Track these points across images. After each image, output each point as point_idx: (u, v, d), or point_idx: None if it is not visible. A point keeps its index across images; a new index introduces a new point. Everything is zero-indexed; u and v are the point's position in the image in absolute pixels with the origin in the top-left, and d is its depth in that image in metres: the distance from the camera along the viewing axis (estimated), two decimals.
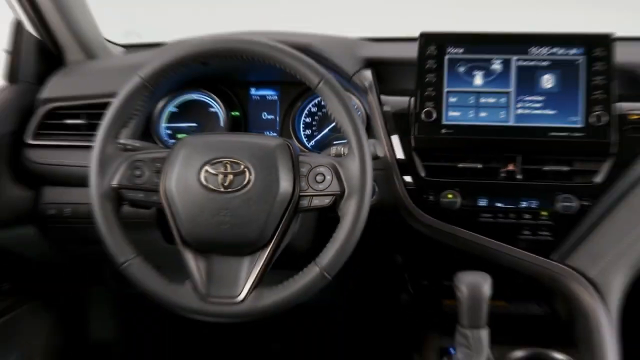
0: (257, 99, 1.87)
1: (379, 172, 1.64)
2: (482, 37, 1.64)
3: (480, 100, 1.61)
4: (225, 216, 1.35)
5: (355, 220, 1.33)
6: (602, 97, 1.56)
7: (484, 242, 1.58)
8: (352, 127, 1.36)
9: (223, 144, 1.38)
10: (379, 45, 1.82)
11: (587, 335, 1.53)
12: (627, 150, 1.57)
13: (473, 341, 1.43)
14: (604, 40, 1.59)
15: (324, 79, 1.37)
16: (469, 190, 1.59)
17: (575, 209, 1.55)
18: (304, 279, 1.34)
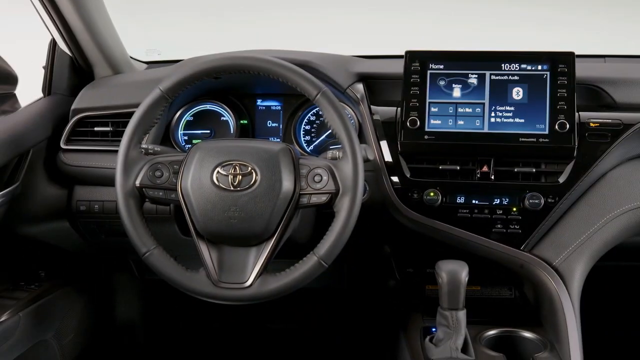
0: (262, 109, 1.88)
1: (370, 173, 1.66)
2: (460, 54, 1.65)
3: (459, 110, 1.62)
4: (234, 212, 1.37)
5: (348, 215, 1.35)
6: (565, 107, 1.58)
7: (462, 235, 1.60)
8: (346, 133, 1.38)
9: (233, 149, 1.41)
10: (370, 62, 1.84)
11: (552, 316, 1.55)
12: (587, 154, 1.59)
13: (452, 321, 1.45)
14: (566, 57, 1.61)
15: (321, 91, 1.39)
16: (449, 189, 1.61)
17: (541, 205, 1.56)
18: (303, 267, 1.36)
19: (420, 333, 1.60)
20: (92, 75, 2.00)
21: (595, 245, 1.58)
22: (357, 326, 2.45)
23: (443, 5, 2.43)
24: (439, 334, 1.47)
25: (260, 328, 2.51)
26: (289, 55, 1.64)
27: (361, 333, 2.42)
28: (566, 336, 1.49)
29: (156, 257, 1.41)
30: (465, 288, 1.45)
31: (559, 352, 1.51)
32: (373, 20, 2.45)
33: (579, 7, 2.52)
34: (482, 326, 1.61)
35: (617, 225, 1.58)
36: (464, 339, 1.46)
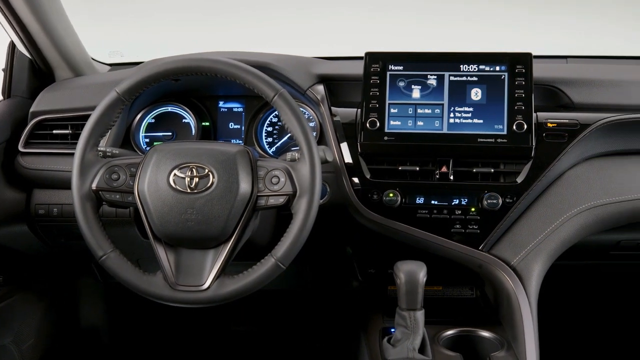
0: (225, 111, 1.89)
1: (330, 174, 1.67)
2: (419, 56, 1.67)
3: (418, 111, 1.64)
4: (191, 214, 1.37)
5: (306, 217, 1.36)
6: (523, 107, 1.60)
7: (421, 235, 1.61)
8: (303, 135, 1.39)
9: (190, 151, 1.41)
10: (330, 63, 1.85)
11: (509, 315, 1.57)
12: (544, 154, 1.62)
13: (410, 322, 1.46)
14: (524, 58, 1.63)
15: (278, 93, 1.40)
16: (408, 189, 1.62)
17: (499, 205, 1.58)
18: (261, 269, 1.37)
19: (380, 334, 1.62)
20: (53, 77, 1.99)
21: (552, 245, 1.60)
22: (319, 328, 2.46)
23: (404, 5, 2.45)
24: (396, 334, 1.48)
25: (225, 330, 2.52)
26: (249, 57, 1.65)
27: (323, 334, 2.43)
28: (522, 335, 1.51)
29: (113, 260, 1.41)
30: (423, 288, 1.46)
31: (516, 350, 1.53)
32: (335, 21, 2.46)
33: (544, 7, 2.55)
34: (441, 326, 1.62)
35: (574, 225, 1.61)
36: (421, 339, 1.47)
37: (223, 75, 1.43)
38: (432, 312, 1.56)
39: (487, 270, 1.59)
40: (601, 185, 1.63)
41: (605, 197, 1.62)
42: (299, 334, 2.47)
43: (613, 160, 1.66)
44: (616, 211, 1.62)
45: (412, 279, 1.45)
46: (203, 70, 1.44)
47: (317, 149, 1.42)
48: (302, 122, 1.40)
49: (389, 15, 2.43)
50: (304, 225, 1.36)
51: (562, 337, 2.41)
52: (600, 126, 1.62)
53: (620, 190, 1.63)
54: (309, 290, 2.32)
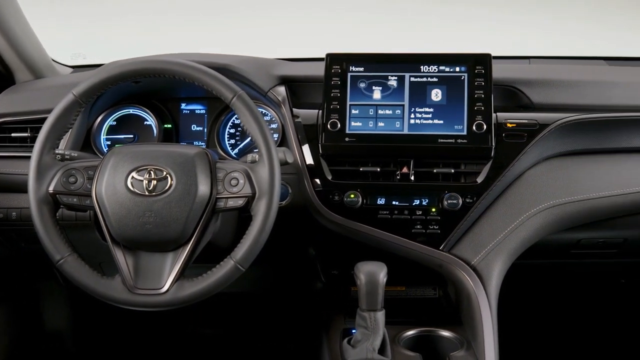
0: (187, 113, 1.89)
1: (292, 176, 1.68)
2: (380, 57, 1.68)
3: (379, 112, 1.65)
4: (149, 217, 1.37)
5: (265, 219, 1.37)
6: (483, 108, 1.62)
7: (382, 236, 1.63)
8: (262, 137, 1.40)
9: (148, 153, 1.41)
10: (292, 65, 1.86)
11: (470, 314, 1.59)
12: (504, 154, 1.64)
13: (370, 322, 1.47)
14: (483, 59, 1.65)
15: (237, 95, 1.41)
16: (369, 190, 1.64)
17: (459, 205, 1.60)
18: (220, 271, 1.37)
19: (341, 335, 1.62)
20: (13, 79, 1.98)
21: (512, 244, 1.62)
22: (283, 329, 2.47)
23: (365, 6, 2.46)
24: (357, 335, 1.49)
25: (191, 333, 2.51)
26: (209, 59, 1.65)
27: (287, 336, 2.44)
28: (481, 334, 1.52)
29: (70, 264, 1.40)
30: (383, 289, 1.47)
31: (475, 350, 1.55)
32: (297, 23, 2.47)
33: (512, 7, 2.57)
34: (402, 326, 1.64)
35: (533, 224, 1.63)
36: (381, 340, 1.48)
37: (181, 77, 1.43)
38: (394, 313, 1.58)
39: (448, 270, 1.61)
40: (560, 185, 1.65)
41: (564, 196, 1.64)
42: (264, 336, 2.48)
43: (572, 160, 1.69)
44: (575, 210, 1.64)
45: (372, 279, 1.46)
46: (161, 72, 1.44)
47: (277, 150, 1.42)
48: (260, 124, 1.40)
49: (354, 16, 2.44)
50: (263, 227, 1.37)
51: (523, 336, 2.44)
52: (559, 126, 1.64)
53: (579, 190, 1.65)
54: (273, 292, 2.33)
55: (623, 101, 1.74)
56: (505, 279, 1.66)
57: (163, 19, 2.56)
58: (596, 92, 1.74)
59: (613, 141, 1.71)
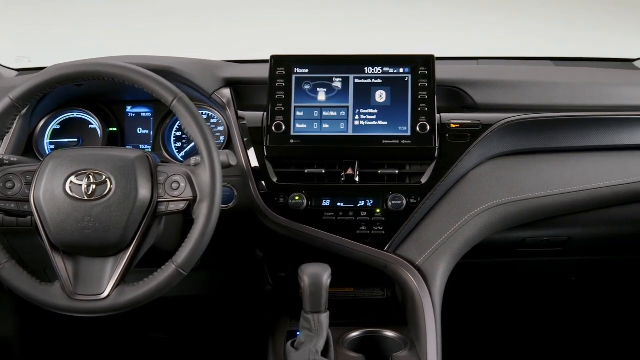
0: (132, 116, 1.88)
1: (237, 178, 1.69)
2: (324, 58, 1.70)
3: (324, 114, 1.66)
4: (89, 222, 1.37)
5: (207, 222, 1.37)
6: (426, 109, 1.64)
7: (327, 237, 1.64)
8: (203, 140, 1.40)
9: (87, 158, 1.41)
10: (238, 67, 1.86)
11: (414, 314, 1.61)
12: (448, 155, 1.66)
13: (314, 324, 1.48)
14: (427, 60, 1.67)
15: (177, 97, 1.41)
16: (314, 192, 1.65)
17: (404, 206, 1.62)
18: (162, 275, 1.37)
19: (285, 337, 1.63)
20: None
21: (457, 244, 1.64)
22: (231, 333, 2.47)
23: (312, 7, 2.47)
24: (300, 337, 1.50)
25: (143, 338, 2.50)
26: (151, 61, 1.65)
27: (235, 340, 2.44)
28: (424, 334, 1.54)
29: (7, 271, 1.39)
30: (327, 291, 1.48)
31: (418, 350, 1.56)
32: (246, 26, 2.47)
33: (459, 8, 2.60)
34: (347, 328, 1.65)
35: (477, 224, 1.65)
36: (325, 342, 1.49)
37: (120, 80, 1.43)
38: (341, 314, 1.59)
39: (393, 270, 1.62)
40: (503, 185, 1.68)
41: (507, 195, 1.67)
42: (213, 340, 2.47)
43: (515, 160, 1.72)
44: (518, 209, 1.67)
45: (316, 281, 1.47)
46: (100, 75, 1.44)
47: (219, 153, 1.42)
48: (201, 127, 1.41)
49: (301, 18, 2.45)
50: (204, 231, 1.37)
51: (469, 336, 2.47)
52: (502, 126, 1.67)
53: (522, 189, 1.68)
54: (223, 296, 2.33)
55: (565, 101, 1.77)
56: (452, 278, 1.67)
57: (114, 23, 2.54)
58: (539, 93, 1.78)
59: (555, 141, 1.74)
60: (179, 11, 2.54)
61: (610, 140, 1.77)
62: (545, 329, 2.57)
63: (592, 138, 1.76)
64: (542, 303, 2.57)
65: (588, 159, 1.75)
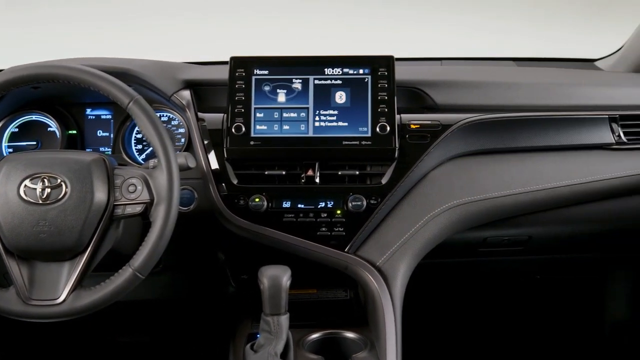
0: (92, 118, 1.87)
1: (198, 181, 1.68)
2: (284, 60, 1.70)
3: (284, 115, 1.66)
4: (44, 226, 1.36)
5: (164, 225, 1.37)
6: (386, 110, 1.64)
7: (287, 239, 1.64)
8: (160, 142, 1.40)
9: (42, 161, 1.40)
10: (198, 68, 1.85)
11: (374, 315, 1.61)
12: (408, 155, 1.67)
13: (274, 326, 1.48)
14: (386, 61, 1.68)
15: (133, 99, 1.40)
16: (275, 194, 1.65)
17: (364, 207, 1.62)
18: (119, 279, 1.36)
19: (246, 340, 1.63)
20: None
21: (417, 244, 1.65)
22: (194, 336, 2.46)
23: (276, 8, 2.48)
24: (260, 339, 1.50)
25: (111, 342, 2.49)
26: (108, 63, 1.64)
27: (197, 343, 2.43)
28: (384, 334, 1.54)
29: None
30: (287, 293, 1.48)
31: (378, 350, 1.57)
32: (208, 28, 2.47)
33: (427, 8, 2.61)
34: (308, 330, 1.65)
35: (438, 224, 1.66)
36: (284, 344, 1.49)
37: (76, 82, 1.42)
38: (303, 316, 1.59)
39: (353, 271, 1.63)
40: (464, 184, 1.69)
41: (467, 195, 1.68)
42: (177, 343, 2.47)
43: (475, 160, 1.73)
44: (478, 209, 1.68)
45: (276, 283, 1.47)
46: (54, 77, 1.43)
47: (177, 155, 1.42)
48: (158, 129, 1.40)
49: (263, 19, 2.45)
50: (162, 234, 1.37)
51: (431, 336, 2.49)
52: (462, 126, 1.69)
53: (481, 189, 1.69)
54: (187, 299, 2.32)
55: (525, 101, 1.79)
56: (414, 279, 1.68)
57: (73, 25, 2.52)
58: (500, 93, 1.79)
59: (515, 141, 1.76)
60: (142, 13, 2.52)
61: (570, 139, 1.78)
62: (507, 329, 2.59)
63: (551, 138, 1.78)
64: (504, 302, 2.59)
65: (547, 158, 1.76)
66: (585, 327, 2.50)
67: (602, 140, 1.80)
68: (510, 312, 2.59)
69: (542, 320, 2.58)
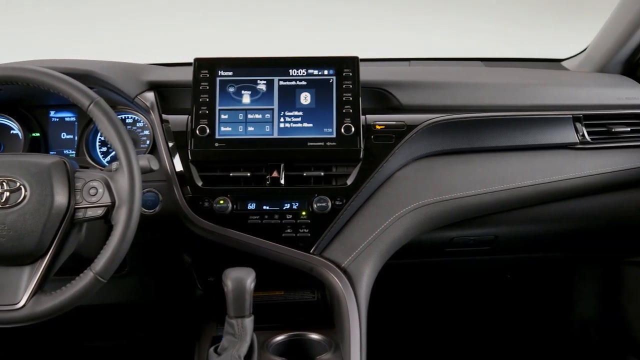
0: (56, 121, 1.85)
1: (162, 183, 1.67)
2: (248, 61, 1.69)
3: (249, 117, 1.66)
4: (2, 230, 1.34)
5: (125, 228, 1.35)
6: (351, 110, 1.64)
7: (252, 241, 1.63)
8: (121, 144, 1.38)
9: (0, 164, 1.37)
10: (163, 70, 1.84)
11: (340, 316, 1.61)
12: (373, 156, 1.67)
13: (238, 329, 1.47)
14: (351, 61, 1.68)
15: (94, 101, 1.39)
16: (239, 196, 1.64)
17: (329, 208, 1.61)
18: (80, 283, 1.35)
19: (210, 343, 1.62)
20: None
21: (383, 245, 1.64)
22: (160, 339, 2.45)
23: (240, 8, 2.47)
24: (223, 342, 1.49)
25: (79, 347, 2.46)
26: (70, 65, 1.62)
27: (163, 346, 2.42)
28: (348, 335, 1.54)
29: None
30: (251, 295, 1.48)
31: (342, 352, 1.57)
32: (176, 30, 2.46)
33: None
34: (273, 332, 1.64)
35: (403, 224, 1.66)
36: (249, 347, 1.48)
37: (35, 84, 1.41)
38: (269, 318, 1.58)
39: (319, 273, 1.62)
40: (429, 185, 1.69)
41: (433, 195, 1.69)
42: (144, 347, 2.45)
43: (440, 160, 1.74)
44: (443, 209, 1.69)
45: (239, 285, 1.47)
46: (14, 79, 1.41)
47: (139, 157, 1.41)
48: (119, 131, 1.39)
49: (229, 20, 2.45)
50: (123, 237, 1.36)
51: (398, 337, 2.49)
52: (426, 127, 1.69)
53: (446, 189, 1.70)
54: (155, 302, 2.31)
55: (491, 101, 1.80)
56: (381, 279, 1.68)
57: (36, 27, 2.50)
58: (465, 93, 1.80)
59: (480, 141, 1.76)
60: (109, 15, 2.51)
61: (535, 139, 1.80)
62: (475, 328, 2.60)
63: (516, 138, 1.79)
64: (472, 302, 2.60)
65: (512, 158, 1.77)
66: (554, 326, 2.51)
67: (567, 139, 1.81)
68: (478, 311, 2.60)
69: (511, 320, 2.59)
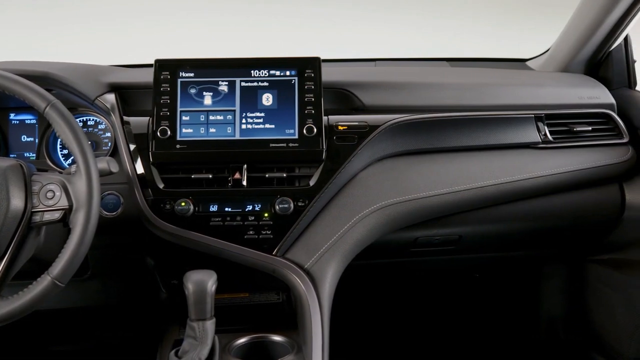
0: (16, 123, 1.83)
1: (124, 186, 1.66)
2: (209, 62, 1.68)
3: (210, 118, 1.65)
4: None
5: (83, 232, 1.34)
6: (313, 111, 1.64)
7: (214, 243, 1.62)
8: (78, 147, 1.37)
9: None
10: (124, 71, 1.83)
11: (303, 318, 1.60)
12: (336, 157, 1.67)
13: (199, 332, 1.46)
14: (312, 62, 1.68)
15: (50, 104, 1.38)
16: (201, 198, 1.63)
17: (291, 209, 1.61)
18: (37, 288, 1.33)
19: (172, 346, 1.61)
20: None
21: (346, 246, 1.64)
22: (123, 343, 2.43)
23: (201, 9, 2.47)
24: (184, 345, 1.48)
25: (44, 351, 2.44)
26: (27, 67, 1.61)
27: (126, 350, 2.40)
28: (310, 337, 1.54)
29: None
30: (212, 297, 1.47)
31: (304, 353, 1.56)
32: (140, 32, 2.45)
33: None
34: (235, 334, 1.63)
35: (367, 225, 1.66)
36: (209, 350, 1.47)
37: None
38: (232, 320, 1.57)
39: (281, 274, 1.62)
40: (392, 185, 1.70)
41: (396, 196, 1.69)
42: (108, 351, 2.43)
43: (403, 160, 1.74)
44: (406, 210, 1.69)
45: (201, 288, 1.46)
46: None
47: (97, 160, 1.40)
48: (76, 133, 1.38)
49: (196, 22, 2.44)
50: (81, 241, 1.34)
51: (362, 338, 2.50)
52: (389, 127, 1.69)
53: (409, 189, 1.70)
54: (119, 305, 2.29)
55: (453, 101, 1.81)
56: (346, 280, 1.68)
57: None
58: (428, 94, 1.81)
59: (442, 141, 1.77)
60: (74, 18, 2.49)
61: (497, 139, 1.81)
62: (442, 328, 2.61)
63: (479, 137, 1.80)
64: (439, 302, 2.61)
65: (475, 158, 1.78)
66: (521, 323, 2.53)
67: (529, 139, 1.83)
68: (445, 311, 2.61)
69: (479, 318, 2.60)
